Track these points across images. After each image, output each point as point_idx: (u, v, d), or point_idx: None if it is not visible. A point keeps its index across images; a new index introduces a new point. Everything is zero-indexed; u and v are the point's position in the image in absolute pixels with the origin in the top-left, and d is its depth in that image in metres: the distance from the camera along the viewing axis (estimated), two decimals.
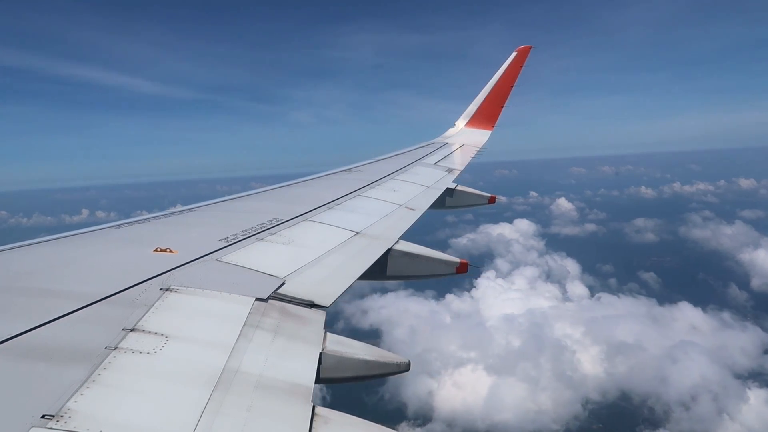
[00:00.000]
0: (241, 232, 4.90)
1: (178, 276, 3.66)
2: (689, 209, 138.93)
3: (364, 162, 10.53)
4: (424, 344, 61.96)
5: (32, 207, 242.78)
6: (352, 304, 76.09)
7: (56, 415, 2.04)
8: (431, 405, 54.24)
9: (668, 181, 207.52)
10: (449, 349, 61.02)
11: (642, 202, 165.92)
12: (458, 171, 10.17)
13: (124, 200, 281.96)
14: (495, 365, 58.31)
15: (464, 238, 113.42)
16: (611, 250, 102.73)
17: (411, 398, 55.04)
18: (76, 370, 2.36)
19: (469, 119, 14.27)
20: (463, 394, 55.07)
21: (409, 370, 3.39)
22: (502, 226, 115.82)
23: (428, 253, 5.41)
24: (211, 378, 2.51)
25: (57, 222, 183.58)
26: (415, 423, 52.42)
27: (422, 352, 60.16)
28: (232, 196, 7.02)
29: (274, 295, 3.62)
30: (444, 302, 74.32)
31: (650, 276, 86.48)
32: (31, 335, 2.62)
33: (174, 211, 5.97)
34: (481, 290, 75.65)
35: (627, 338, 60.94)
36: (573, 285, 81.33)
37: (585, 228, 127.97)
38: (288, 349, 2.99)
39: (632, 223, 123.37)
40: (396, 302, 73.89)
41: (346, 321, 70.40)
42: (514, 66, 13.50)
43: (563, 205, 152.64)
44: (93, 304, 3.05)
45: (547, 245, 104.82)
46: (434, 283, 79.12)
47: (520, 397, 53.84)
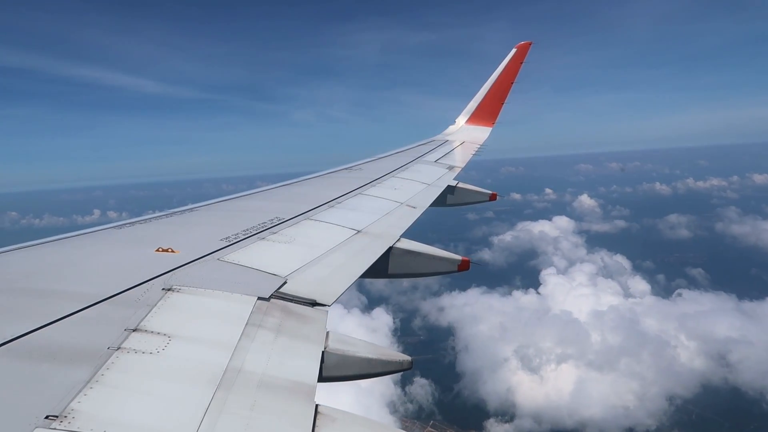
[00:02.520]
0: (242, 232, 4.90)
1: (180, 276, 3.66)
2: (711, 205, 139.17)
3: (365, 160, 10.52)
4: (518, 340, 61.91)
5: (40, 208, 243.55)
6: (428, 301, 77.26)
7: (60, 416, 2.04)
8: (512, 401, 54.37)
9: (679, 177, 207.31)
10: (544, 345, 60.88)
11: (660, 199, 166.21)
12: (459, 168, 10.15)
13: (131, 200, 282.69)
14: (596, 361, 58.29)
15: (507, 235, 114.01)
16: (650, 247, 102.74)
17: (490, 395, 55.26)
18: (80, 371, 2.36)
19: (469, 116, 14.25)
20: (548, 389, 55.10)
21: (411, 369, 3.39)
22: (542, 224, 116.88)
23: (430, 251, 5.41)
24: (214, 377, 2.52)
25: (69, 222, 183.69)
26: (502, 419, 52.50)
27: (519, 348, 60.12)
28: (233, 195, 7.02)
29: (276, 294, 3.62)
30: (512, 299, 74.76)
31: (698, 272, 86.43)
32: (34, 336, 2.63)
33: (175, 211, 5.97)
34: (549, 287, 76.01)
35: (730, 333, 60.35)
36: (633, 281, 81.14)
37: (615, 224, 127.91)
38: (290, 347, 2.99)
39: (665, 219, 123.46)
40: (469, 299, 74.55)
41: (423, 319, 71.14)
42: (513, 62, 13.47)
43: (585, 201, 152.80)
44: (95, 305, 3.06)
45: (588, 242, 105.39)
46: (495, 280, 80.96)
47: (611, 393, 53.57)
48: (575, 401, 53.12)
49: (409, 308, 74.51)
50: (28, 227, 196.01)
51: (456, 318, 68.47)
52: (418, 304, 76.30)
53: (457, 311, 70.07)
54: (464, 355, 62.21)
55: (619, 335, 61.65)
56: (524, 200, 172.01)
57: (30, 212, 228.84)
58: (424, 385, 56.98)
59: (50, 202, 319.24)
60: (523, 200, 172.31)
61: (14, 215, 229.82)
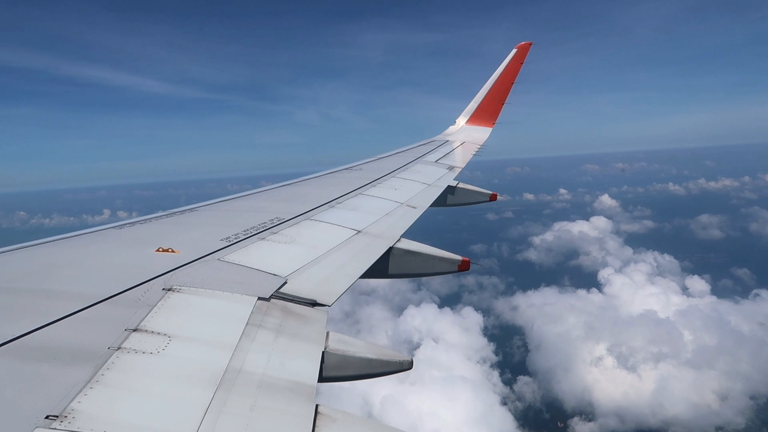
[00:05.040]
0: (242, 232, 4.90)
1: (180, 276, 3.66)
2: (733, 205, 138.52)
3: (366, 160, 10.52)
4: (606, 338, 61.56)
5: (47, 207, 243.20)
6: (501, 300, 77.98)
7: (60, 416, 2.04)
8: (589, 400, 54.11)
9: (689, 177, 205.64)
10: (636, 343, 60.34)
11: (678, 199, 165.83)
12: (459, 168, 10.15)
13: (137, 200, 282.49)
14: (693, 360, 57.74)
15: (547, 235, 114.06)
16: (687, 246, 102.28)
17: (566, 393, 55.20)
18: (80, 371, 2.36)
19: (469, 117, 14.26)
20: (628, 388, 54.67)
21: (411, 368, 3.39)
22: (580, 224, 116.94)
23: (430, 251, 5.41)
24: (214, 377, 2.52)
25: (79, 222, 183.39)
26: (585, 418, 52.37)
27: (612, 347, 59.70)
28: (234, 195, 7.03)
29: (276, 294, 3.62)
30: (577, 297, 74.44)
31: (744, 272, 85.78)
32: (34, 336, 2.63)
33: (175, 210, 5.97)
34: (615, 287, 75.85)
35: None
36: (691, 280, 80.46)
37: (644, 224, 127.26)
38: (290, 348, 2.99)
39: (696, 220, 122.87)
40: (538, 298, 74.75)
41: (497, 317, 71.46)
42: (514, 63, 13.47)
43: (606, 201, 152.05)
44: (96, 305, 3.06)
45: (627, 242, 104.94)
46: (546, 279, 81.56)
47: (694, 391, 53.13)
48: (657, 400, 52.68)
49: (483, 307, 75.33)
50: (39, 227, 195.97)
51: (527, 317, 69.01)
52: (489, 303, 77.33)
53: (528, 311, 70.57)
54: (536, 354, 62.57)
55: (712, 334, 61.01)
56: (538, 200, 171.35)
57: (38, 212, 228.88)
58: (529, 382, 57.74)
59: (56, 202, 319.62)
60: (536, 200, 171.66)
61: (23, 215, 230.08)
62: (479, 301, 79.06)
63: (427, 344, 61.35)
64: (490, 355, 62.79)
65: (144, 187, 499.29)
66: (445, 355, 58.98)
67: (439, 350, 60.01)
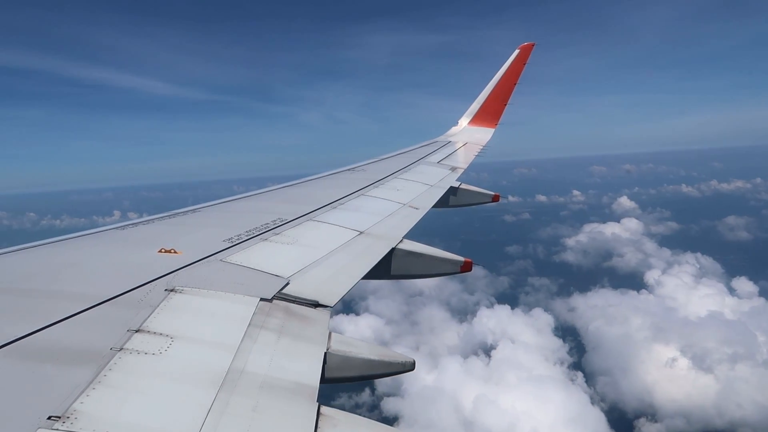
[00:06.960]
0: (245, 233, 4.90)
1: (182, 276, 3.66)
2: (753, 207, 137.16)
3: (368, 161, 10.52)
4: (677, 340, 60.96)
5: (56, 208, 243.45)
6: (557, 301, 77.91)
7: (62, 416, 2.04)
8: (652, 401, 53.71)
9: (698, 179, 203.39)
10: (708, 345, 59.53)
11: (694, 200, 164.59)
12: (462, 169, 10.14)
13: (143, 201, 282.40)
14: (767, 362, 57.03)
15: (582, 236, 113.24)
16: (718, 248, 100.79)
17: (626, 395, 54.76)
18: (82, 371, 2.36)
19: (472, 117, 14.24)
20: (690, 389, 54.31)
21: (413, 370, 3.38)
22: (611, 225, 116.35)
23: (432, 252, 5.40)
24: (217, 378, 2.52)
25: (89, 223, 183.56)
26: (651, 419, 52.01)
27: (684, 348, 59.12)
28: (236, 196, 7.03)
29: (278, 295, 3.62)
30: (636, 298, 73.64)
31: None
32: (37, 337, 2.63)
33: (178, 211, 5.98)
34: (668, 288, 75.32)
35: None
36: (737, 282, 79.00)
37: (668, 226, 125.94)
38: (293, 349, 2.99)
39: (723, 221, 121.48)
40: (598, 299, 74.27)
41: (557, 318, 70.99)
42: (516, 63, 13.45)
43: (625, 203, 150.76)
44: (98, 306, 3.06)
45: (662, 243, 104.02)
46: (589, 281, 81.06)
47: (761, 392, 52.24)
48: (723, 401, 52.14)
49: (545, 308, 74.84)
50: (50, 228, 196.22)
51: (590, 317, 68.71)
52: (547, 304, 76.90)
53: (589, 312, 70.25)
54: (593, 355, 62.09)
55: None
56: (551, 202, 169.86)
57: (47, 213, 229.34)
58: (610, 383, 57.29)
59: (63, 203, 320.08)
60: (550, 202, 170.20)
61: (32, 216, 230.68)
62: (536, 302, 78.60)
63: (505, 345, 60.86)
64: (565, 356, 62.59)
65: (150, 189, 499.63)
66: (524, 355, 58.55)
67: (517, 351, 59.54)
